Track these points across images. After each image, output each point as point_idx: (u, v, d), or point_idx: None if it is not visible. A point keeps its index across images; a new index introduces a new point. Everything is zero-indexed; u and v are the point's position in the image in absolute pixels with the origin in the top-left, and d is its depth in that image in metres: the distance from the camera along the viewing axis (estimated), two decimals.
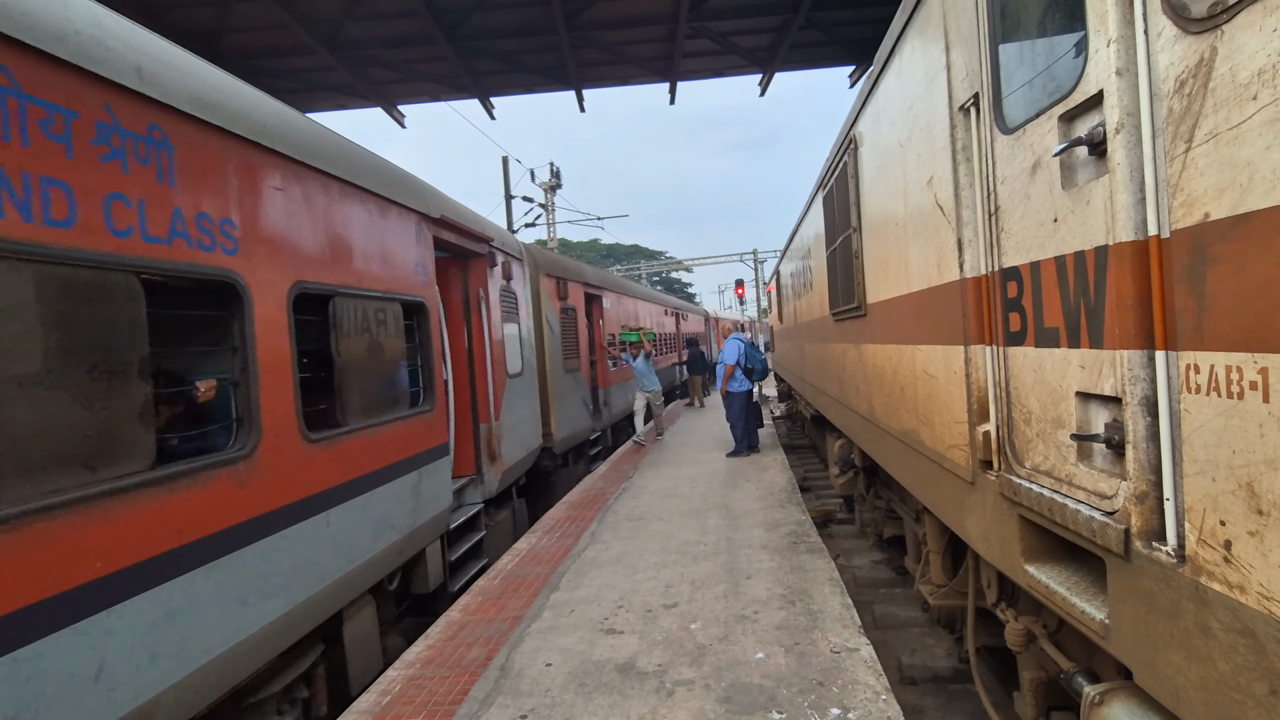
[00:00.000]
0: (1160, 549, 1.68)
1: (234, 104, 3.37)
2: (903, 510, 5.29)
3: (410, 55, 11.71)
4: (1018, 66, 2.37)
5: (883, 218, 4.35)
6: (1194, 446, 1.56)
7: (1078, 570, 2.29)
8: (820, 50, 12.67)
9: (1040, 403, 2.31)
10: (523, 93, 13.53)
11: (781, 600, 4.48)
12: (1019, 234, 2.39)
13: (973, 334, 2.81)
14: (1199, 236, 1.50)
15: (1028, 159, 2.27)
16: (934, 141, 3.12)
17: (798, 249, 10.21)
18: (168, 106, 2.93)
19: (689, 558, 5.53)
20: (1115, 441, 1.88)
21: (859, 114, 4.84)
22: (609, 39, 11.61)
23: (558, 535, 6.56)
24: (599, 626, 4.30)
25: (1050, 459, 2.27)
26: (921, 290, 3.50)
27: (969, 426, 2.87)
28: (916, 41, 3.38)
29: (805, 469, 11.28)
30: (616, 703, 3.34)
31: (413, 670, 3.89)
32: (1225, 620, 1.47)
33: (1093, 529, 1.93)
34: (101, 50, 2.64)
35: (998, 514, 2.64)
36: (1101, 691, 2.03)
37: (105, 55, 2.65)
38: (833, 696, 3.24)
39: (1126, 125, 1.73)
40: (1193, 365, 1.55)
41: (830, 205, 6.39)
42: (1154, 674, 1.74)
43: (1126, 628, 1.85)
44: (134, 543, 2.61)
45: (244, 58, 11.14)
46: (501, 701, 3.45)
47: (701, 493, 7.89)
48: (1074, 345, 2.07)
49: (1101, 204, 1.86)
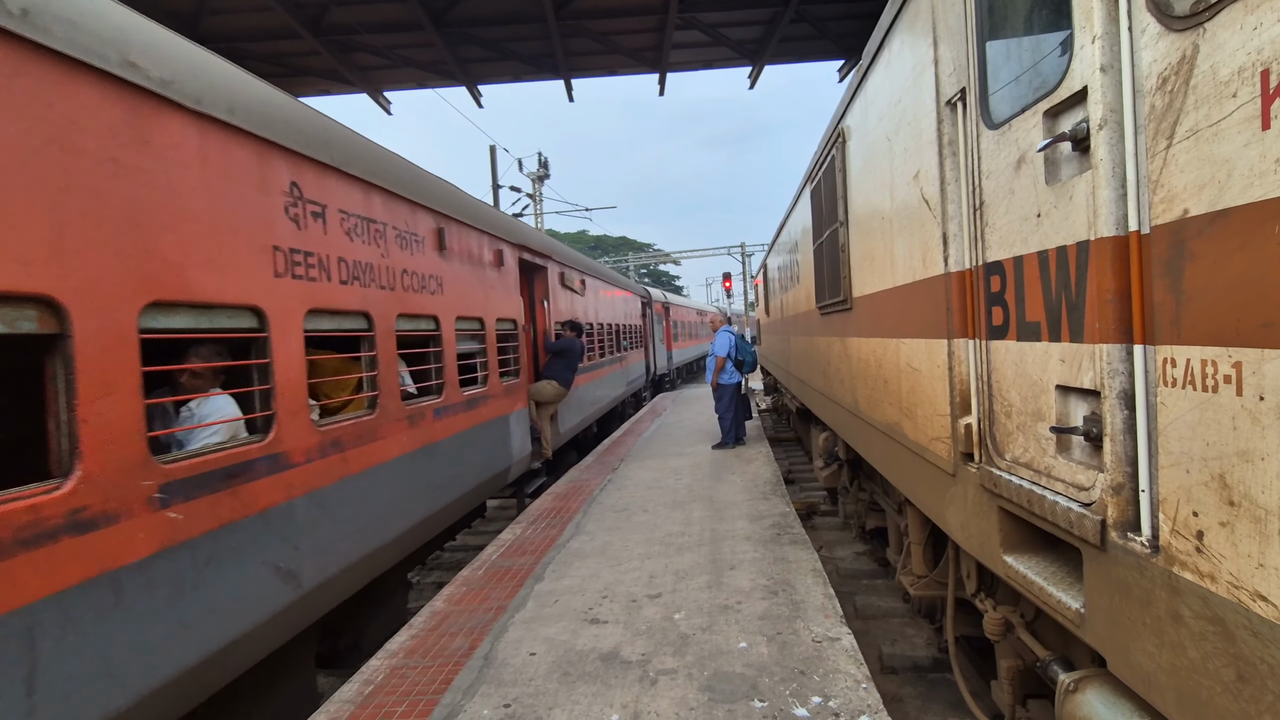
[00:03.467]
0: (1135, 539, 1.72)
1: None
2: (885, 502, 5.35)
3: (396, 41, 11.56)
4: (1004, 62, 2.39)
5: (869, 211, 4.37)
6: (1169, 439, 1.59)
7: (1055, 560, 2.32)
8: (810, 44, 12.68)
9: (1021, 396, 2.34)
10: (510, 81, 13.41)
11: (765, 591, 4.51)
12: (1003, 229, 2.41)
13: (956, 328, 2.84)
14: (1178, 232, 1.53)
15: (1013, 154, 2.29)
16: (921, 136, 3.14)
17: (785, 243, 10.24)
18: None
19: (673, 549, 5.55)
20: (1093, 434, 1.91)
21: (847, 108, 4.85)
22: (598, 28, 11.53)
23: (543, 526, 6.56)
24: (583, 616, 4.31)
25: (1030, 451, 2.30)
26: (906, 284, 3.52)
27: (951, 419, 2.90)
28: (905, 36, 3.39)
29: (790, 462, 11.36)
30: (600, 691, 3.36)
31: (396, 660, 3.88)
32: (1196, 608, 1.50)
33: (1070, 520, 1.96)
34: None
35: (978, 505, 2.67)
36: (1076, 679, 2.07)
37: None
38: (814, 685, 3.28)
39: (1109, 121, 1.75)
40: (1169, 359, 1.58)
41: (818, 199, 6.41)
42: (1127, 661, 1.78)
43: (1101, 616, 1.88)
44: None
45: (226, 40, 10.93)
46: (485, 691, 3.45)
47: (687, 485, 7.93)
48: (1055, 339, 2.10)
49: (1084, 199, 1.88)
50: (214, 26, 10.67)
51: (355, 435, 4.28)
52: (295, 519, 3.64)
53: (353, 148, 4.53)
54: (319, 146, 4.07)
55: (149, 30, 3.05)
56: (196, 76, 3.19)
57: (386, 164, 4.98)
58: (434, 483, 5.36)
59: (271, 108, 3.73)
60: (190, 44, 3.36)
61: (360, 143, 4.73)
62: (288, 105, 3.95)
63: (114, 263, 2.67)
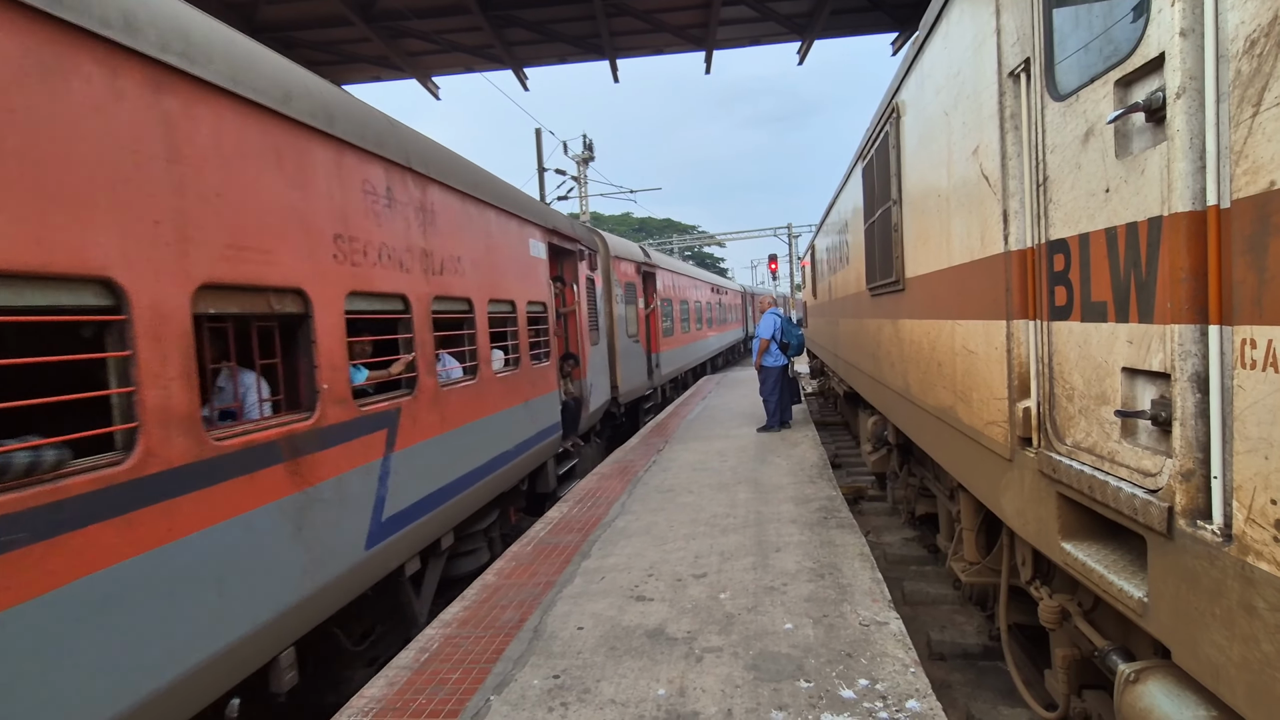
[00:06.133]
0: (1205, 528, 1.65)
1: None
2: (936, 488, 5.24)
3: (444, 26, 11.67)
4: (1072, 29, 2.28)
5: (924, 189, 4.25)
6: (1246, 424, 1.52)
7: (1116, 549, 2.25)
8: (862, 16, 12.26)
9: (1084, 378, 2.26)
10: (556, 63, 13.40)
11: (810, 573, 4.50)
12: (1068, 205, 2.31)
13: (1015, 308, 2.75)
14: (1264, 205, 1.45)
15: (1080, 127, 2.19)
16: (981, 109, 3.02)
17: (834, 223, 10.03)
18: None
19: (718, 530, 5.58)
20: (1162, 418, 1.84)
21: (901, 82, 4.70)
22: (643, 6, 11.40)
23: (589, 505, 6.67)
24: (629, 594, 4.38)
25: (1092, 436, 2.23)
26: (963, 264, 3.42)
27: (1008, 403, 2.82)
28: (965, 5, 3.26)
29: (837, 446, 11.22)
30: (646, 666, 3.42)
31: (450, 630, 4.03)
32: (1272, 600, 1.44)
33: (1134, 507, 1.90)
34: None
35: (1035, 491, 2.61)
36: (1137, 669, 2.02)
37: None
38: (861, 668, 3.27)
39: (1189, 89, 1.66)
40: (1249, 340, 1.50)
41: (869, 177, 6.25)
42: (1193, 653, 1.72)
43: (1166, 606, 1.83)
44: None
45: (280, 29, 11.23)
46: (534, 662, 3.56)
47: (731, 467, 7.92)
48: (1122, 320, 2.02)
49: (1157, 173, 1.79)
50: (270, 15, 10.97)
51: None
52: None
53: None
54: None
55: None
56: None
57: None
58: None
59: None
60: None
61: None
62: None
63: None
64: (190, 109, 2.84)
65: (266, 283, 3.25)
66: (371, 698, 3.32)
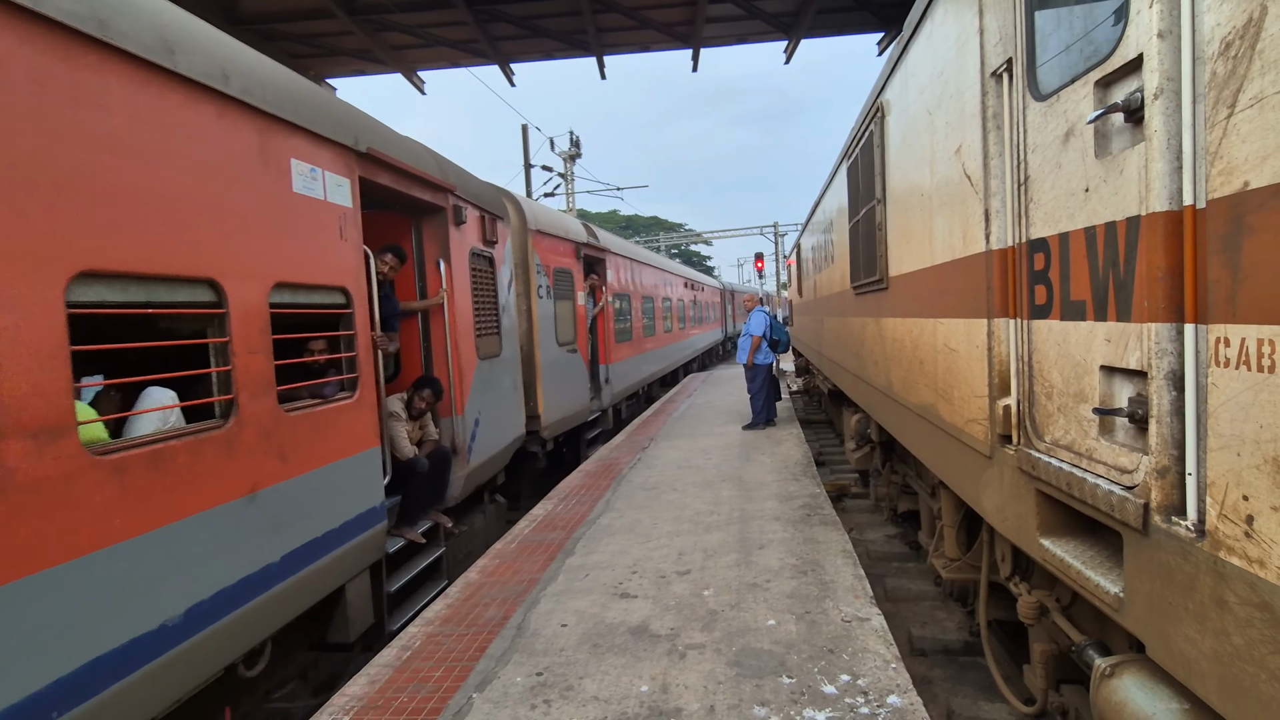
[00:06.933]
0: (1179, 524, 1.67)
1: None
2: (918, 485, 5.29)
3: (428, 20, 11.56)
4: (1054, 30, 2.30)
5: (908, 188, 4.27)
6: (1220, 421, 1.54)
7: (1093, 544, 2.28)
8: (848, 16, 12.31)
9: (1063, 376, 2.29)
10: (542, 59, 13.33)
11: (793, 570, 4.52)
12: (1048, 204, 2.34)
13: (996, 307, 2.77)
14: (1237, 205, 1.46)
15: (1060, 127, 2.21)
16: (964, 109, 3.04)
17: (819, 222, 10.07)
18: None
19: (702, 527, 5.59)
20: (1138, 416, 1.86)
21: (886, 81, 4.73)
22: (630, 3, 11.36)
23: (573, 503, 6.65)
24: (613, 591, 4.38)
25: (1071, 433, 2.25)
26: (945, 262, 3.44)
27: (989, 401, 2.84)
28: (949, 5, 3.28)
29: (821, 444, 11.28)
30: (629, 663, 3.42)
31: (432, 628, 4.00)
32: (1243, 594, 1.47)
33: (1111, 503, 1.92)
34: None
35: (1015, 488, 2.63)
36: (1112, 664, 2.04)
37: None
38: (842, 664, 3.29)
39: (1166, 90, 1.67)
40: (1222, 339, 1.52)
41: (854, 176, 6.28)
42: (1167, 647, 1.75)
43: (1141, 601, 1.85)
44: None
45: (261, 21, 11.07)
46: (517, 659, 3.54)
47: (716, 464, 7.94)
48: (1100, 318, 2.04)
49: (1135, 173, 1.81)
50: (251, 8, 10.80)
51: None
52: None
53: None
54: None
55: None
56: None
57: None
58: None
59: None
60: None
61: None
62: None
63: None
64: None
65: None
66: (353, 696, 3.29)
